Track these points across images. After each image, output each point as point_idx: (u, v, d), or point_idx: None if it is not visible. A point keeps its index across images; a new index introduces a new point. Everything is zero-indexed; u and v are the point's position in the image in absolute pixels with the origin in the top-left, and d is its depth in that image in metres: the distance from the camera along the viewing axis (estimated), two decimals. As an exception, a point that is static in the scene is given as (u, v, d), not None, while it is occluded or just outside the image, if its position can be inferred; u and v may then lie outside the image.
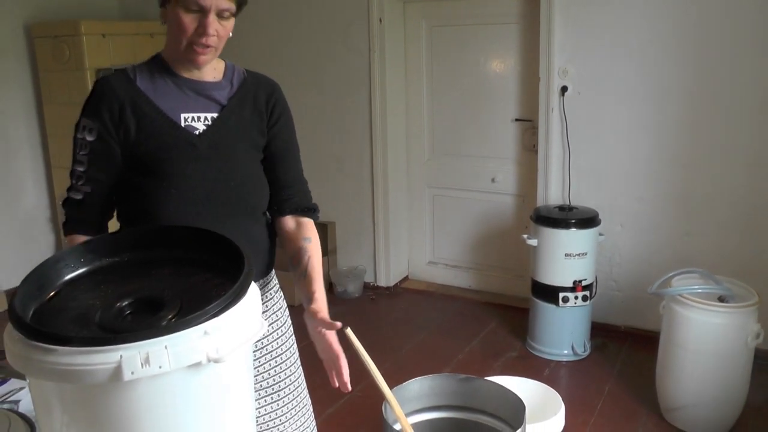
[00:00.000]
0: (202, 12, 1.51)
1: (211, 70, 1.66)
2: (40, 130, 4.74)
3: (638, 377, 3.38)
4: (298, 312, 1.69)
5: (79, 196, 1.62)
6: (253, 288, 1.11)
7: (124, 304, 1.07)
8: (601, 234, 3.64)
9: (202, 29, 1.52)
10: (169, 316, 1.03)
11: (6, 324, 1.00)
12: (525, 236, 3.67)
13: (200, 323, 0.96)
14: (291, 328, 1.87)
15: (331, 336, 1.57)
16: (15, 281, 1.04)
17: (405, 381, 1.62)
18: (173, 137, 1.59)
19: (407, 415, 1.50)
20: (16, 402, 1.56)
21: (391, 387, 1.45)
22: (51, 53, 4.44)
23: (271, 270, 1.83)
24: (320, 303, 1.64)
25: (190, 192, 1.60)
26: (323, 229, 4.75)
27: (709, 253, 3.56)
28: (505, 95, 4.24)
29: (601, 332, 3.83)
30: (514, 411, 1.54)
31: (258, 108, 1.70)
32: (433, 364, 3.58)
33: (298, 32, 4.57)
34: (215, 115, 1.64)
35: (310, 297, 1.66)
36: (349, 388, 1.53)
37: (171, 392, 0.95)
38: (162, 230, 1.34)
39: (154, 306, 1.06)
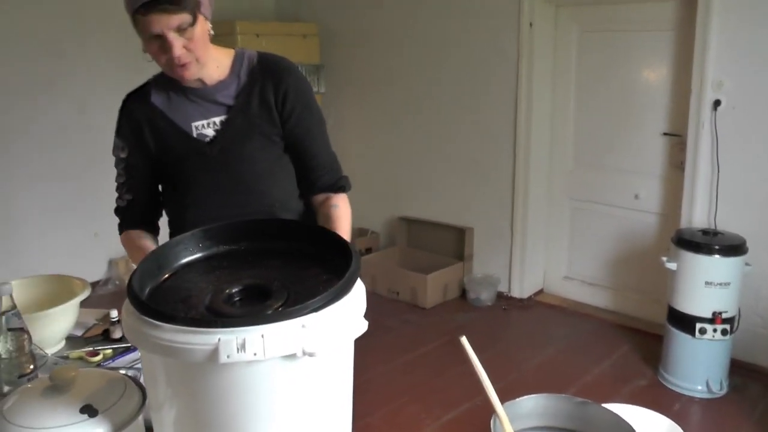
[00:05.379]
0: (160, 38, 1.51)
1: (215, 70, 1.68)
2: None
3: (782, 424, 3.09)
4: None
5: (123, 204, 1.79)
6: (359, 286, 1.11)
7: (234, 290, 1.11)
8: (747, 264, 3.34)
9: (168, 52, 1.53)
10: (276, 306, 1.05)
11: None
12: (664, 259, 3.46)
13: (299, 316, 0.97)
14: None
15: None
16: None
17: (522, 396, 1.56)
18: (186, 148, 1.68)
19: (516, 432, 1.45)
20: (140, 369, 1.66)
21: (507, 401, 1.41)
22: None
23: None
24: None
25: (204, 199, 1.69)
26: (461, 234, 4.75)
27: None
28: (654, 107, 4.03)
29: (741, 371, 3.53)
30: (627, 444, 1.44)
31: (266, 100, 1.69)
32: (557, 382, 3.47)
33: (447, 35, 4.59)
34: (223, 117, 1.68)
35: None
36: None
37: (264, 380, 0.97)
38: (280, 223, 1.38)
39: (263, 295, 1.09)
